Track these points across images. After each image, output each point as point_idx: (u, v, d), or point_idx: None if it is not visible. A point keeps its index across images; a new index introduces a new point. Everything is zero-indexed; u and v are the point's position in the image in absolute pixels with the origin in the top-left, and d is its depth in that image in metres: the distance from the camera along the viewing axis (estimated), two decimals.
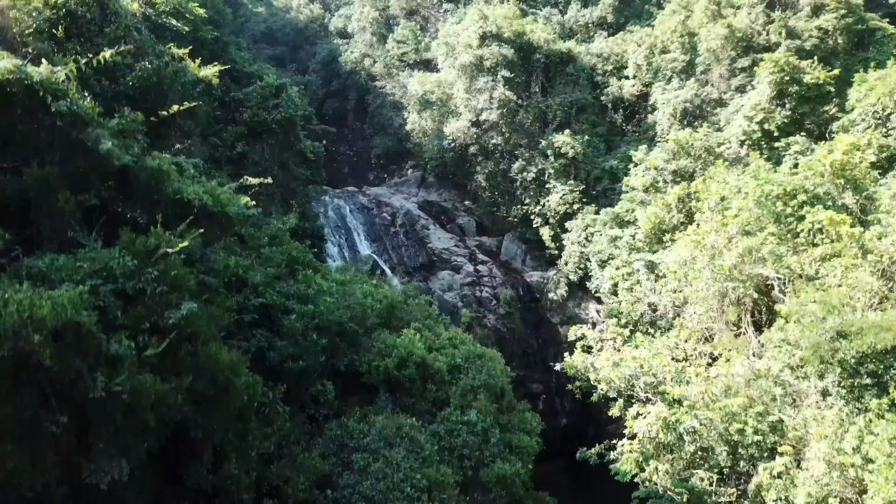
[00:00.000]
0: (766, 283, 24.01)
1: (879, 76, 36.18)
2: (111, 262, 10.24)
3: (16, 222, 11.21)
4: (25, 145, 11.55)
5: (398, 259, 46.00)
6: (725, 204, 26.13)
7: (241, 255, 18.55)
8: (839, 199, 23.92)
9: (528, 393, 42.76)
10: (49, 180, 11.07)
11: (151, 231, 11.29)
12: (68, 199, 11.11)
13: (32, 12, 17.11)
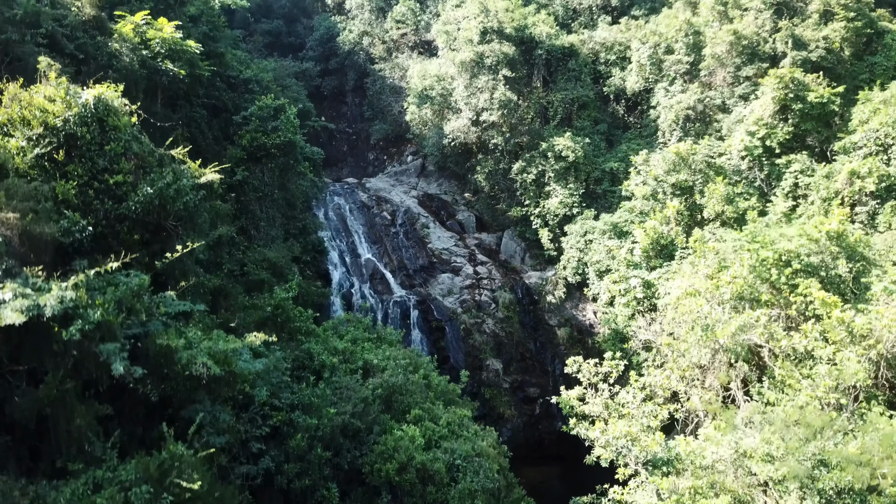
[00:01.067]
0: (758, 346, 24.64)
1: (883, 99, 35.78)
2: (130, 495, 10.86)
3: (31, 436, 11.77)
4: (39, 354, 11.97)
5: (398, 262, 46.46)
6: (721, 262, 26.46)
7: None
8: (832, 267, 24.28)
9: (526, 397, 44.12)
10: (65, 397, 11.57)
11: (165, 451, 11.86)
12: (84, 414, 11.64)
13: (33, 137, 17.18)
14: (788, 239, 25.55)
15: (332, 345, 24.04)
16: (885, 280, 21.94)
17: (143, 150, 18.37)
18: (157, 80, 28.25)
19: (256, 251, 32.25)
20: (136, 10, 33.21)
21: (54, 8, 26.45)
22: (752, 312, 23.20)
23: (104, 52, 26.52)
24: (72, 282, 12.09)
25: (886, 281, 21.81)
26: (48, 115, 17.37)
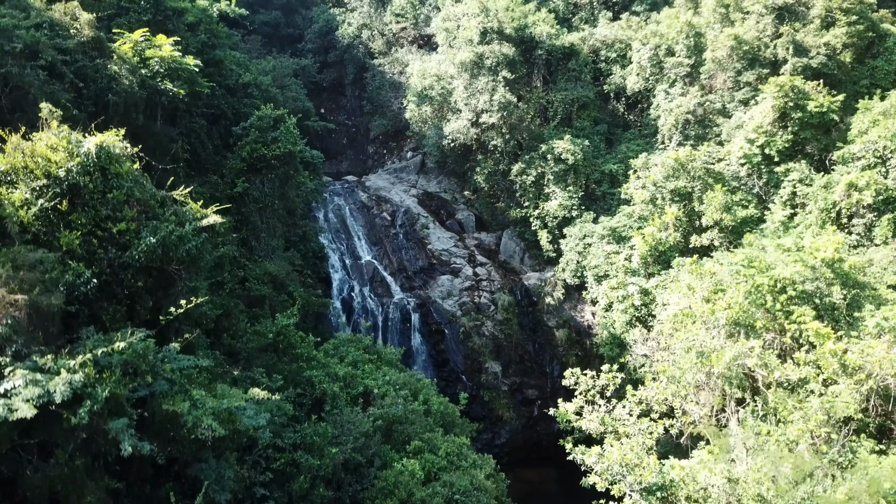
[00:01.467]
0: (753, 371, 25.05)
1: (883, 110, 35.77)
2: None
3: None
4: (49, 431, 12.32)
5: (398, 263, 46.76)
6: (717, 284, 26.74)
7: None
8: (827, 294, 24.58)
9: (524, 399, 44.75)
10: (75, 475, 11.94)
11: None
12: (94, 490, 12.02)
13: (37, 188, 17.36)
14: (785, 264, 25.80)
15: (333, 370, 24.42)
16: (877, 315, 22.23)
17: (145, 195, 18.55)
18: (156, 99, 28.28)
19: (257, 265, 32.53)
20: (134, 22, 33.17)
21: (52, 31, 26.41)
22: (747, 342, 23.55)
23: (103, 74, 26.52)
24: (79, 360, 12.40)
25: (879, 316, 22.10)
26: (51, 164, 17.54)
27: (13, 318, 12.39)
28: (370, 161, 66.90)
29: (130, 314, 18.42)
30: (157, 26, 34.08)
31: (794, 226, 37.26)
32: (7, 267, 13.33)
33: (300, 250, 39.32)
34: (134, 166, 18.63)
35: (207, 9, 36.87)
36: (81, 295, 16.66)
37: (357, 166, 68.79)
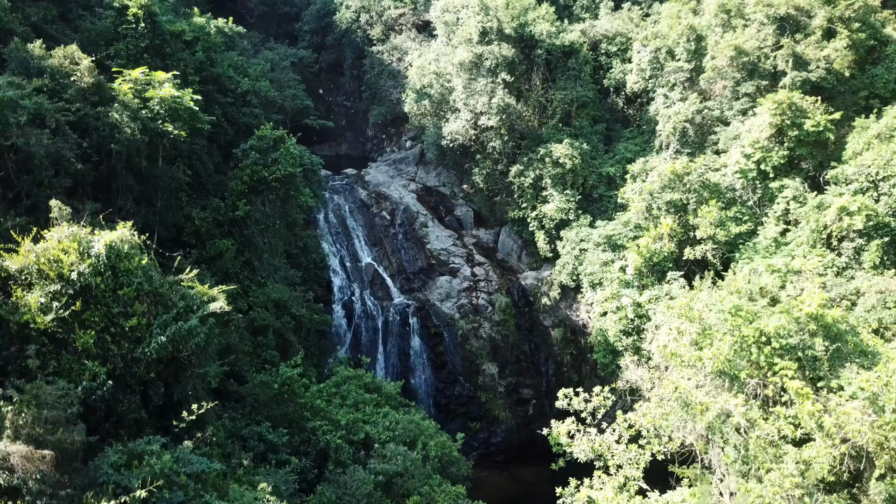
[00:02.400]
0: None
1: (878, 132, 36.01)
2: None
3: None
4: None
5: (398, 265, 47.62)
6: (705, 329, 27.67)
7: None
8: (810, 346, 25.55)
9: (520, 399, 46.36)
10: None
11: None
12: None
13: (50, 293, 18.14)
14: (770, 314, 26.68)
15: (335, 417, 25.65)
16: (854, 383, 23.25)
17: (154, 286, 19.33)
18: (157, 141, 28.62)
19: (260, 290, 33.40)
20: (132, 48, 33.13)
21: (53, 80, 26.59)
22: (730, 399, 24.69)
23: (105, 123, 26.82)
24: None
25: (855, 385, 23.13)
26: (63, 266, 18.27)
27: (42, 472, 13.41)
28: (369, 144, 66.93)
29: (144, 401, 19.48)
30: (156, 50, 34.10)
31: (787, 242, 38.02)
32: (31, 408, 14.26)
33: (301, 263, 40.14)
34: (143, 260, 19.29)
35: (205, 26, 36.59)
36: (98, 397, 17.70)
37: (356, 149, 68.90)
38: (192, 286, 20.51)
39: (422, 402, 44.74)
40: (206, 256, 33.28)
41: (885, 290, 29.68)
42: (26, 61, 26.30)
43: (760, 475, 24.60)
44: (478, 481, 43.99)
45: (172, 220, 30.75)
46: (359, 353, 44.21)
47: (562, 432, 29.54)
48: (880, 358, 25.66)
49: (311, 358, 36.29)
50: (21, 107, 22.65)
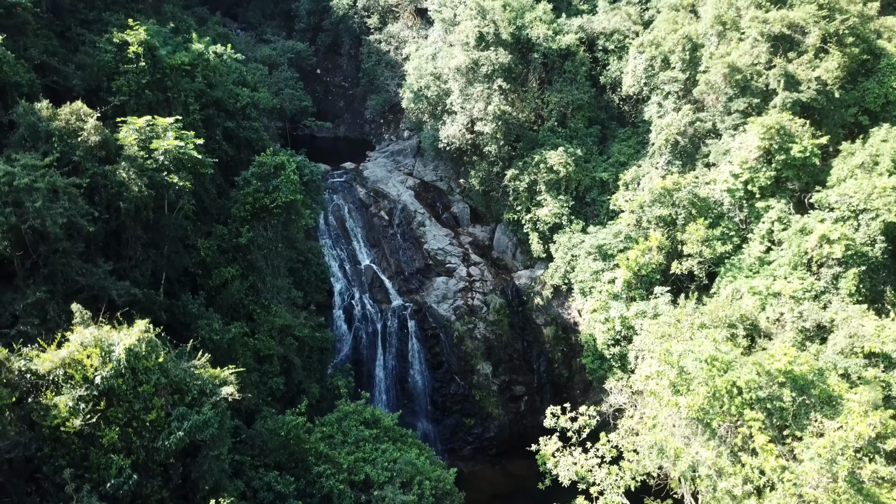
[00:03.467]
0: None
1: (861, 162, 37.01)
2: None
3: None
4: None
5: (396, 266, 49.17)
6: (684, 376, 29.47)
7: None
8: (778, 397, 27.44)
9: (512, 396, 48.79)
10: None
11: None
12: None
13: (76, 398, 19.88)
14: (742, 364, 28.48)
15: (337, 460, 27.81)
16: (811, 449, 25.26)
17: (171, 378, 21.05)
18: (163, 192, 29.74)
19: (265, 319, 35.09)
20: (133, 83, 33.73)
21: (62, 142, 27.51)
22: (701, 451, 26.82)
23: (113, 181, 27.92)
24: None
25: (813, 450, 25.12)
26: (87, 369, 19.96)
27: None
28: (367, 127, 67.29)
29: (164, 481, 21.50)
30: (156, 84, 34.71)
31: (770, 261, 39.49)
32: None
33: (303, 277, 41.69)
34: (160, 357, 20.92)
35: (203, 53, 36.95)
36: (126, 492, 19.71)
37: (355, 130, 69.31)
38: (204, 371, 22.18)
39: (419, 401, 47.26)
40: (212, 286, 34.84)
41: (854, 335, 31.34)
42: (34, 126, 27.16)
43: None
44: (472, 476, 47.10)
45: (179, 262, 32.11)
46: (359, 356, 46.51)
47: (548, 452, 31.78)
48: (842, 407, 27.65)
49: (312, 374, 38.40)
50: (36, 189, 23.77)
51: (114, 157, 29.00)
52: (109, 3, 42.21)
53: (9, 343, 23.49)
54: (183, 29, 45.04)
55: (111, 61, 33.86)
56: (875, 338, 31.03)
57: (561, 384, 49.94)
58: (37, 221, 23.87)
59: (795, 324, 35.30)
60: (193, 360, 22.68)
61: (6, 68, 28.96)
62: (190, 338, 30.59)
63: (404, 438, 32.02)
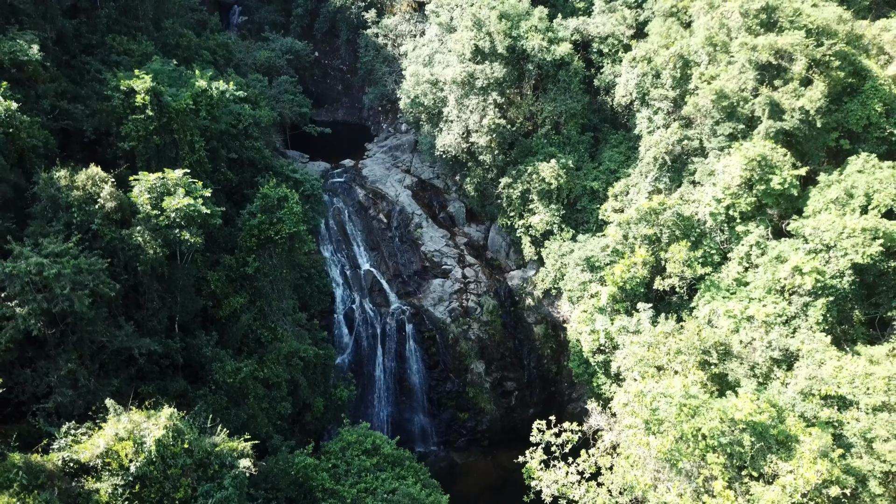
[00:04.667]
0: None
1: (836, 196, 38.91)
2: None
3: None
4: None
5: (395, 268, 51.56)
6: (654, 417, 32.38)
7: None
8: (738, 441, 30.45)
9: (504, 391, 52.13)
10: None
11: None
12: None
13: (114, 485, 22.78)
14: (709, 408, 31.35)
15: (343, 495, 31.09)
16: (764, 499, 28.38)
17: (195, 459, 23.93)
18: (176, 248, 31.89)
19: (273, 347, 37.78)
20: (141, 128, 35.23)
21: (80, 210, 29.48)
22: (665, 495, 30.06)
23: (129, 244, 30.06)
24: None
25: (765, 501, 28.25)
26: (122, 458, 22.80)
27: None
28: (366, 113, 68.22)
29: None
30: (163, 127, 36.19)
31: (746, 283, 41.91)
32: None
33: (306, 291, 44.17)
34: (185, 444, 23.71)
35: (207, 89, 38.15)
36: None
37: (353, 115, 70.31)
38: (224, 445, 25.03)
39: (416, 397, 50.63)
40: (222, 316, 37.37)
41: (813, 377, 34.13)
42: (55, 197, 29.09)
43: None
44: (465, 467, 51.06)
45: (192, 306, 34.51)
46: (360, 357, 49.55)
47: (534, 466, 35.14)
48: (796, 451, 30.71)
49: (316, 388, 41.46)
50: (63, 276, 25.97)
51: (129, 217, 31.05)
52: (112, 24, 42.92)
53: (49, 415, 26.45)
54: (183, 45, 45.87)
55: (119, 107, 35.23)
56: (832, 379, 33.84)
57: (550, 378, 53.22)
58: (66, 304, 26.19)
59: (764, 353, 38.11)
60: (213, 437, 25.43)
61: (24, 135, 30.58)
62: (205, 375, 33.57)
63: (401, 461, 35.29)
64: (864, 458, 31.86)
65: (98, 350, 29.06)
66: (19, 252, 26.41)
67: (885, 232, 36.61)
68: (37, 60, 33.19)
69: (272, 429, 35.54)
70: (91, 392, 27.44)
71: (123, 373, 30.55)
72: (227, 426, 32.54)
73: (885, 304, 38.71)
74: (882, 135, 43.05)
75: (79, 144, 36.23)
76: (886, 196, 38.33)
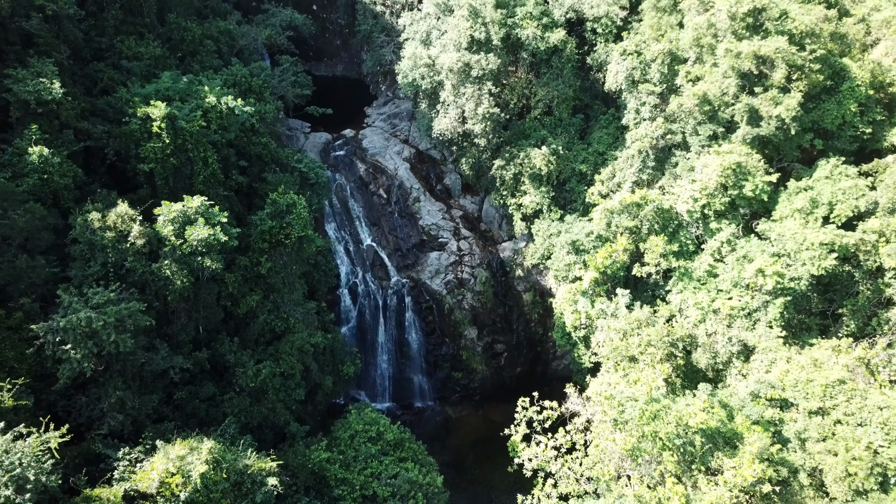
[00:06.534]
0: None
1: (801, 206, 42.15)
2: None
3: None
4: None
5: (394, 243, 55.27)
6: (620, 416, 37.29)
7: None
8: (690, 444, 35.55)
9: (494, 353, 57.29)
10: None
11: None
12: None
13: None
14: (668, 412, 36.28)
15: (353, 482, 36.60)
16: (705, 499, 33.73)
17: (232, 479, 28.99)
18: (199, 274, 35.62)
19: (287, 343, 42.22)
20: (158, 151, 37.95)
21: (114, 248, 33.01)
22: (624, 490, 35.54)
23: (159, 276, 33.85)
24: None
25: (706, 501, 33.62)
26: (172, 488, 27.81)
27: None
28: (365, 69, 69.27)
29: None
30: (179, 149, 38.87)
31: (716, 274, 45.94)
32: None
33: (314, 277, 48.17)
34: (223, 474, 28.62)
35: (216, 105, 40.32)
36: None
37: (352, 70, 71.40)
38: (255, 465, 30.01)
39: (415, 360, 55.85)
40: (240, 314, 41.59)
41: (762, 381, 38.87)
42: (91, 241, 32.51)
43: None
44: (459, 420, 57.07)
45: (214, 317, 38.61)
46: (363, 325, 54.32)
47: (517, 440, 40.67)
48: (740, 450, 35.92)
49: (326, 368, 46.38)
50: (109, 324, 29.94)
51: (156, 249, 34.58)
52: (119, 24, 44.29)
53: (104, 437, 31.27)
54: (188, 39, 47.28)
55: (137, 131, 37.76)
56: (779, 382, 38.65)
57: (537, 340, 58.29)
58: (112, 346, 30.35)
59: (725, 347, 42.79)
60: (245, 459, 30.31)
61: (56, 177, 33.54)
62: (229, 378, 38.28)
63: (402, 444, 40.70)
64: (797, 453, 37.17)
65: (139, 371, 33.52)
66: (69, 302, 30.28)
67: (840, 245, 40.22)
68: (59, 95, 35.44)
69: (289, 415, 40.67)
70: (136, 409, 32.19)
71: (160, 382, 35.18)
72: (251, 421, 37.84)
73: (838, 300, 42.91)
74: (855, 133, 45.59)
75: (101, 164, 38.98)
76: (847, 207, 41.64)
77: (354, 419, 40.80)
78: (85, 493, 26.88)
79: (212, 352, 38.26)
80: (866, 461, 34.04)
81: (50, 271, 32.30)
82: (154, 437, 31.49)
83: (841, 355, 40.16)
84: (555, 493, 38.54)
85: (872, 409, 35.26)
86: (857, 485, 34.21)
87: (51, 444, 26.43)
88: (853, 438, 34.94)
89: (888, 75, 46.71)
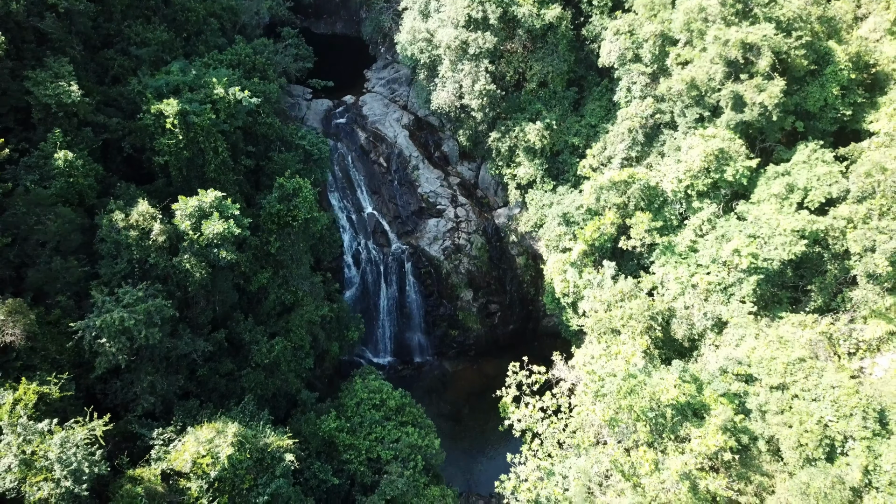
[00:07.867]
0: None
1: (777, 191, 44.73)
2: None
3: None
4: None
5: (394, 211, 57.98)
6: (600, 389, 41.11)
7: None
8: (661, 416, 39.55)
9: (488, 312, 61.05)
10: None
11: None
12: None
13: (200, 486, 32.07)
14: (644, 388, 40.17)
15: (359, 447, 40.91)
16: (671, 465, 37.90)
17: (254, 457, 33.11)
18: (215, 263, 38.66)
19: (296, 316, 45.69)
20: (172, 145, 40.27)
21: (138, 246, 35.96)
22: (601, 455, 39.81)
23: (180, 269, 36.97)
24: None
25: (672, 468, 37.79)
26: (203, 467, 31.92)
27: None
28: (364, 32, 69.84)
29: None
30: (191, 142, 41.12)
31: (696, 250, 49.04)
32: None
33: (320, 250, 51.19)
34: (247, 454, 32.62)
35: (224, 97, 42.17)
36: None
37: (350, 28, 71.96)
38: (273, 442, 34.05)
39: (414, 320, 59.68)
40: (252, 291, 44.89)
41: (730, 358, 42.60)
42: (117, 240, 35.40)
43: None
44: (455, 375, 61.46)
45: (230, 299, 41.87)
46: (366, 289, 57.81)
47: (508, 401, 44.90)
48: (706, 420, 40.03)
49: (332, 335, 50.12)
50: (139, 321, 33.25)
51: (176, 243, 37.51)
52: (125, 9, 45.50)
53: (139, 417, 35.20)
54: (192, 20, 48.49)
55: (151, 126, 39.92)
56: (745, 359, 42.41)
57: (528, 300, 61.94)
58: (143, 340, 33.80)
59: (701, 321, 46.36)
60: (265, 438, 34.27)
61: (80, 179, 36.09)
62: (245, 354, 41.99)
63: (403, 408, 44.85)
64: (758, 422, 41.32)
65: (166, 355, 37.14)
66: (102, 302, 33.51)
67: (811, 231, 43.13)
68: (79, 97, 37.42)
69: (300, 383, 44.68)
70: (165, 390, 36.02)
71: (184, 361, 38.87)
72: (266, 393, 41.76)
73: (808, 277, 46.18)
74: (835, 115, 47.62)
75: (119, 154, 41.30)
76: (820, 193, 44.25)
77: (360, 387, 44.80)
78: (128, 474, 30.96)
79: (228, 331, 41.78)
80: (817, 434, 38.13)
81: (81, 270, 35.35)
82: (183, 415, 35.48)
83: (806, 329, 43.85)
84: (541, 452, 42.93)
85: (826, 388, 39.04)
86: (807, 454, 38.41)
87: (96, 431, 30.23)
88: (807, 412, 38.91)
89: (872, 55, 48.45)
